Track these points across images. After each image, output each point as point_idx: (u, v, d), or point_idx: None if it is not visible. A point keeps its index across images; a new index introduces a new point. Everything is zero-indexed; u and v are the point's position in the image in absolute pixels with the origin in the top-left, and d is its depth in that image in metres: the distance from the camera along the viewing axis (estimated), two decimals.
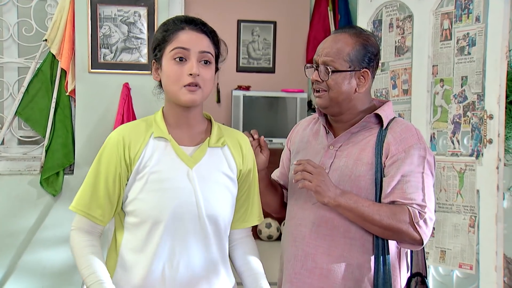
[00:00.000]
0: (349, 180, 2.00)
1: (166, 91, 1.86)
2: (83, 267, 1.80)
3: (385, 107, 2.09)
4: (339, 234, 2.00)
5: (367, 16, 3.88)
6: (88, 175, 1.86)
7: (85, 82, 3.93)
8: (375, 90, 3.83)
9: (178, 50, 1.80)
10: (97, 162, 1.84)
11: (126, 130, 1.87)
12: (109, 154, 1.82)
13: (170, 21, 1.88)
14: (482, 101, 3.14)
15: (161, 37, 1.85)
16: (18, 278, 3.91)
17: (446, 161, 3.30)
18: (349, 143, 2.06)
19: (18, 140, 4.09)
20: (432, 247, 3.34)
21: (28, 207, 3.94)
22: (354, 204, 1.92)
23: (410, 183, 1.94)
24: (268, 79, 6.91)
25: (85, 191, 1.84)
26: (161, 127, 1.86)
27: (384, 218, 1.91)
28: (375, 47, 2.10)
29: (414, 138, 2.00)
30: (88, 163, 3.91)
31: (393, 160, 1.96)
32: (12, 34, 4.05)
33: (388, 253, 1.99)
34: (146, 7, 3.91)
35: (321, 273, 2.01)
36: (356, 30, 2.10)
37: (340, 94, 2.03)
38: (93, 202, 1.82)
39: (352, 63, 2.02)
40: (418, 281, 2.09)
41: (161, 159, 1.82)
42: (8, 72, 4.10)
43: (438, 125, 3.41)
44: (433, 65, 3.44)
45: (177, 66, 1.79)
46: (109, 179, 1.81)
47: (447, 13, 3.36)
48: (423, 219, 1.91)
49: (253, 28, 6.94)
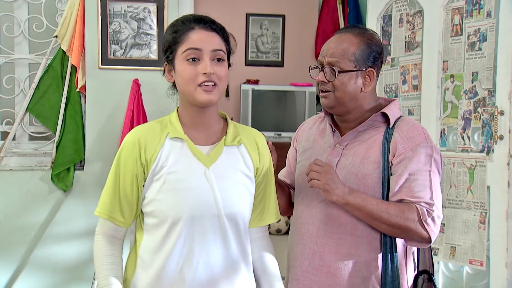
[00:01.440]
0: (355, 178, 2.01)
1: (182, 92, 1.85)
2: (100, 276, 1.84)
3: (391, 106, 2.09)
4: (346, 232, 2.01)
5: (377, 11, 3.87)
6: (108, 179, 1.88)
7: (95, 78, 3.94)
8: (384, 85, 3.82)
9: (190, 51, 1.79)
10: (115, 165, 1.86)
11: (141, 131, 1.88)
12: (126, 156, 1.84)
13: (179, 22, 1.87)
14: (493, 97, 3.13)
15: (171, 38, 1.84)
16: (29, 273, 3.94)
17: (457, 157, 3.30)
18: (356, 141, 2.07)
19: (29, 136, 4.11)
20: (442, 243, 3.34)
21: (39, 203, 3.96)
22: (362, 202, 1.93)
23: (417, 181, 1.94)
24: (276, 72, 6.90)
25: (106, 195, 1.87)
26: (176, 128, 1.86)
27: (392, 216, 1.91)
28: (379, 46, 2.10)
29: (421, 137, 2.01)
30: (98, 159, 3.96)
31: (401, 158, 1.97)
32: (23, 30, 4.06)
33: (396, 251, 1.99)
34: (155, 3, 3.91)
35: (328, 271, 2.02)
36: (360, 29, 2.10)
37: (346, 94, 2.03)
38: (114, 205, 1.85)
39: (358, 63, 2.02)
40: (425, 278, 2.09)
41: (178, 160, 1.83)
42: (19, 68, 4.11)
43: (448, 121, 3.41)
44: (443, 61, 3.43)
45: (191, 67, 1.79)
46: (127, 181, 1.83)
47: (458, 8, 3.34)
48: (431, 217, 1.92)
49: (262, 21, 6.93)
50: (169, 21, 3.86)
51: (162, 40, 1.91)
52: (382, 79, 3.83)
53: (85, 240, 3.93)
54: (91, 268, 3.81)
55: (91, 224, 3.95)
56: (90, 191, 3.96)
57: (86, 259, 3.94)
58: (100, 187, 3.83)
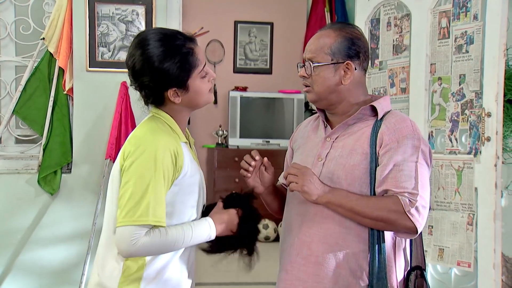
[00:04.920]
0: (343, 169, 2.03)
1: (194, 104, 1.99)
2: (190, 231, 1.92)
3: (381, 100, 2.12)
4: (334, 222, 2.02)
5: (364, 15, 3.89)
6: (148, 186, 1.84)
7: (83, 80, 3.93)
8: (373, 89, 3.83)
9: (204, 68, 1.97)
10: (154, 171, 1.85)
11: (169, 141, 1.92)
12: (167, 163, 1.87)
13: (186, 41, 1.94)
14: (480, 99, 3.15)
15: (190, 61, 1.92)
16: (15, 277, 3.90)
17: (444, 159, 3.31)
18: (345, 134, 2.10)
19: (15, 139, 4.09)
20: (431, 245, 3.34)
21: (26, 206, 3.93)
22: (343, 199, 1.97)
23: (402, 171, 1.96)
24: (265, 80, 6.91)
25: (157, 203, 1.85)
26: (178, 133, 1.97)
27: (374, 210, 1.94)
28: (360, 39, 2.11)
29: (408, 129, 2.03)
30: (86, 162, 3.94)
31: (386, 149, 1.99)
32: (10, 32, 4.04)
33: (384, 241, 2.01)
34: (144, 5, 3.91)
35: (316, 261, 2.03)
36: (341, 24, 2.15)
37: (325, 87, 2.07)
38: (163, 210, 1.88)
39: (334, 56, 2.06)
40: (417, 274, 2.11)
41: (191, 163, 1.98)
42: (5, 71, 4.09)
43: (436, 123, 3.42)
44: (431, 64, 3.44)
45: (204, 81, 1.98)
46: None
47: (445, 12, 3.36)
48: (415, 207, 1.93)
49: (250, 29, 6.95)
50: (157, 24, 3.86)
51: (174, 69, 1.91)
52: (371, 82, 3.85)
53: (72, 244, 3.91)
54: (78, 272, 3.79)
55: (78, 227, 3.93)
56: (77, 194, 3.94)
57: (73, 263, 3.91)
58: (87, 190, 3.88)
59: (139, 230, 1.79)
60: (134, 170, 1.82)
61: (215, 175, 6.28)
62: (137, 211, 1.78)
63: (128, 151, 1.87)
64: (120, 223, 1.80)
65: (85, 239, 3.82)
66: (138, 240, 1.79)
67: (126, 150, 1.88)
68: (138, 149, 1.84)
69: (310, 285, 2.02)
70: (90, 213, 3.82)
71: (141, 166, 1.81)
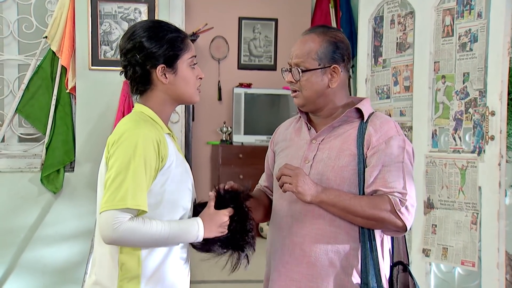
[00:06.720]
0: (332, 170, 2.07)
1: (179, 93, 2.00)
2: (177, 228, 1.90)
3: (364, 103, 2.17)
4: (325, 222, 2.06)
5: (368, 12, 3.87)
6: (131, 170, 1.83)
7: (86, 79, 3.92)
8: (376, 87, 3.82)
9: (194, 58, 2.02)
10: (139, 157, 1.84)
11: (151, 131, 1.91)
12: (150, 152, 1.86)
13: (179, 29, 2.02)
14: (484, 97, 3.13)
15: (180, 43, 1.98)
16: (19, 275, 3.91)
17: (448, 158, 3.29)
18: (331, 136, 2.14)
19: (18, 137, 4.09)
20: (434, 244, 3.33)
21: (29, 205, 3.93)
22: (335, 198, 2.01)
23: (391, 172, 2.02)
24: (269, 76, 6.88)
25: (138, 188, 1.83)
26: (161, 125, 1.98)
27: (366, 209, 1.99)
28: (343, 42, 2.17)
29: (393, 131, 2.09)
30: (88, 160, 3.94)
31: (374, 150, 2.05)
32: (12, 31, 4.04)
33: (375, 239, 2.06)
34: (146, 4, 3.90)
35: (308, 261, 2.07)
36: (324, 28, 2.19)
37: (314, 91, 2.13)
38: (145, 196, 1.86)
39: (321, 61, 2.11)
40: (400, 269, 2.15)
41: (176, 154, 1.97)
42: (8, 69, 4.09)
43: (439, 121, 3.40)
44: (434, 62, 3.43)
45: (192, 72, 2.01)
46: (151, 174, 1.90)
47: (449, 9, 3.35)
48: (405, 206, 1.99)
49: (255, 25, 6.92)
50: None
51: (164, 44, 1.95)
52: (374, 80, 3.83)
53: (75, 242, 3.91)
54: (81, 270, 3.79)
55: (81, 226, 3.93)
56: (80, 193, 3.94)
57: (76, 261, 3.92)
58: (90, 189, 3.87)
59: (119, 215, 1.78)
60: (116, 158, 1.84)
61: (219, 171, 6.27)
62: (117, 195, 1.79)
63: (112, 141, 1.89)
64: (102, 208, 1.80)
65: (88, 238, 3.82)
66: (120, 225, 1.78)
67: (110, 141, 1.90)
68: (120, 138, 1.86)
69: (303, 285, 2.07)
70: (93, 212, 3.78)
71: (122, 153, 1.83)
